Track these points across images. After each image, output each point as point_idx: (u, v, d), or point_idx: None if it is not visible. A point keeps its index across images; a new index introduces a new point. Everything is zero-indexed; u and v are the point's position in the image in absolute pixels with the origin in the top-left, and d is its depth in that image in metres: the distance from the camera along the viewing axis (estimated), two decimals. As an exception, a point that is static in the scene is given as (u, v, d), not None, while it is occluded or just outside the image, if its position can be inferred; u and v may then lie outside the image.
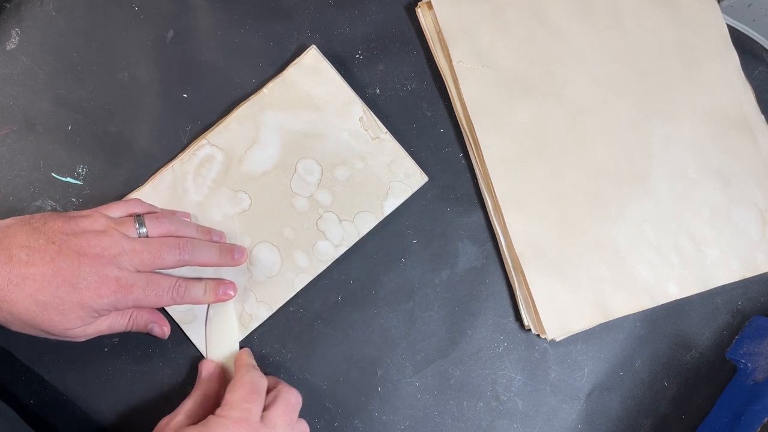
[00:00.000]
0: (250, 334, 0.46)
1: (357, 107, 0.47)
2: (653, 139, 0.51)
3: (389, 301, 0.48)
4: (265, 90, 0.47)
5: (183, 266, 0.42)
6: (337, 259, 0.47)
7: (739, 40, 0.54)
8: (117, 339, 0.45)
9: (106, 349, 0.45)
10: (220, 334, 0.45)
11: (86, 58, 0.47)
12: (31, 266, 0.35)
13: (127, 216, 0.42)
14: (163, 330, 0.44)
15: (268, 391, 0.41)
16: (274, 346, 0.46)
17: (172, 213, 0.44)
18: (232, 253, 0.44)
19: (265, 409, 0.39)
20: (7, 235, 0.36)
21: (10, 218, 0.38)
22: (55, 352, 0.45)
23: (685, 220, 0.50)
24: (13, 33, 0.47)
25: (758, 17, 0.59)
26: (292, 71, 0.47)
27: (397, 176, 0.48)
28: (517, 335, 0.49)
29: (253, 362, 0.43)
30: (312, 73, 0.47)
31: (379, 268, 0.48)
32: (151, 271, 0.40)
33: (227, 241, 0.45)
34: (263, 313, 0.46)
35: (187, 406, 0.40)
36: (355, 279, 0.48)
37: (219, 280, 0.44)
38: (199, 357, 0.45)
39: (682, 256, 0.50)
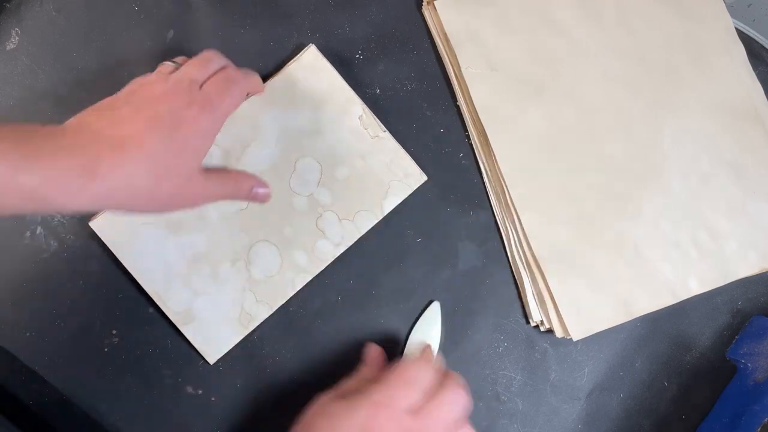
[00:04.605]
0: (249, 333, 0.46)
1: (356, 106, 0.47)
2: (665, 135, 0.51)
3: (389, 301, 0.48)
4: (266, 88, 0.46)
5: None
6: (337, 258, 0.47)
7: (740, 39, 0.54)
8: (117, 339, 0.45)
9: (106, 349, 0.45)
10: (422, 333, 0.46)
11: (86, 58, 0.47)
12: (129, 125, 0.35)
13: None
14: (267, 192, 0.43)
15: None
16: (274, 346, 0.46)
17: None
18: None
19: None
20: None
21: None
22: (55, 352, 0.45)
23: (702, 214, 0.50)
24: (13, 33, 0.47)
25: (758, 17, 0.59)
26: (291, 69, 0.47)
27: (397, 175, 0.48)
28: (518, 335, 0.49)
29: (430, 359, 0.41)
30: (311, 72, 0.47)
31: (379, 268, 0.48)
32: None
33: (229, 241, 0.45)
34: (263, 313, 0.46)
35: (343, 385, 0.39)
36: (355, 279, 0.48)
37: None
38: (200, 358, 0.45)
39: (700, 250, 0.50)
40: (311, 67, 0.47)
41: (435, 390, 0.36)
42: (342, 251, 0.47)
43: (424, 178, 0.48)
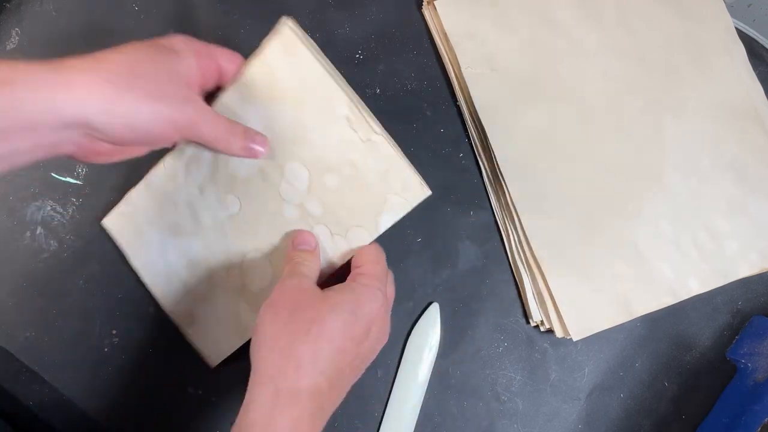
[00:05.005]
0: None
1: (341, 104, 0.38)
2: (665, 135, 0.51)
3: (389, 301, 0.48)
4: (242, 79, 0.39)
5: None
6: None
7: (740, 39, 0.54)
8: (117, 339, 0.45)
9: (106, 349, 0.45)
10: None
11: (86, 58, 0.47)
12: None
13: None
14: (261, 150, 0.40)
15: None
16: (274, 346, 0.46)
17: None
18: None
19: None
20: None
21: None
22: (55, 352, 0.45)
23: (703, 214, 0.50)
24: (13, 33, 0.47)
25: (758, 17, 0.59)
26: (266, 56, 0.39)
27: (394, 188, 0.39)
28: (518, 335, 0.49)
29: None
30: (288, 59, 0.38)
31: (379, 268, 0.48)
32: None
33: (223, 249, 0.44)
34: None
35: (306, 271, 0.39)
36: (355, 279, 0.47)
37: None
38: (200, 359, 0.45)
39: (701, 250, 0.50)
40: (287, 54, 0.38)
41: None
42: (335, 269, 0.43)
43: (427, 192, 0.39)
